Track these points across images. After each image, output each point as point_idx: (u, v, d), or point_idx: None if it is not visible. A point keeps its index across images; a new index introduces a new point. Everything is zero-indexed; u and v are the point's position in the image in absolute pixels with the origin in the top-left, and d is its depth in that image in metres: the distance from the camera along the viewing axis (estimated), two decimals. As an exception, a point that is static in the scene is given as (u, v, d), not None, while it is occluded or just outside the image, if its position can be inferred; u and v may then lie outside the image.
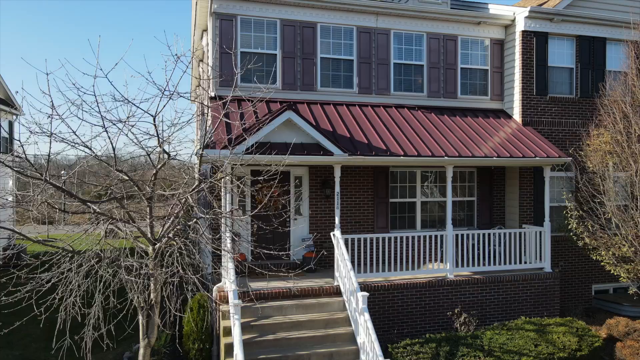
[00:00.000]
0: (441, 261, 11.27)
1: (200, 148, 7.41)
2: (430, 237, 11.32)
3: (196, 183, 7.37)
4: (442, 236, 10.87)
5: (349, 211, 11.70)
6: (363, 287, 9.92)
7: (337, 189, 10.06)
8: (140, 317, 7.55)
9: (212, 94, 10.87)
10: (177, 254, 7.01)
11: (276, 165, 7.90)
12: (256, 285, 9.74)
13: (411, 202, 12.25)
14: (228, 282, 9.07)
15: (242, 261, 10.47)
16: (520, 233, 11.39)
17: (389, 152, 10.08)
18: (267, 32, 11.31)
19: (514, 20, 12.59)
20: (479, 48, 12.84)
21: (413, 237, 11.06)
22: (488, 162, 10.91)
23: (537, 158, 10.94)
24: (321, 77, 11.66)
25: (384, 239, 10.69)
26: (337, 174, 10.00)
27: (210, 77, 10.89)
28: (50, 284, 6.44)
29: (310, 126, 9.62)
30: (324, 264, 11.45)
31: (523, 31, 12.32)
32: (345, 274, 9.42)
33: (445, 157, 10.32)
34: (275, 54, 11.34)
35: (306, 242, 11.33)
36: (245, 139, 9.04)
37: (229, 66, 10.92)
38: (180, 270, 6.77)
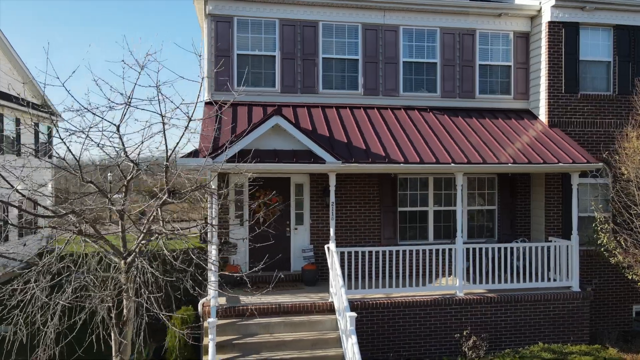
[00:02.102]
0: (453, 276, 10.31)
1: (166, 159, 6.99)
2: (437, 250, 10.35)
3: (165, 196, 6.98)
4: (450, 250, 9.92)
5: (353, 220, 10.96)
6: (361, 304, 9.23)
7: (332, 198, 9.39)
8: (112, 334, 7.27)
9: (207, 99, 10.50)
10: (136, 272, 6.64)
11: (254, 173, 7.39)
12: (248, 299, 9.26)
13: (422, 211, 11.34)
14: (212, 298, 8.63)
15: (233, 273, 10.06)
16: (542, 247, 10.23)
17: (388, 159, 9.28)
18: (265, 33, 10.80)
19: (540, 11, 11.37)
20: (501, 42, 11.70)
21: (418, 251, 10.18)
22: (503, 169, 9.86)
23: (560, 164, 9.74)
24: (323, 79, 11.00)
25: (384, 252, 9.89)
26: (332, 182, 9.33)
27: (204, 80, 10.52)
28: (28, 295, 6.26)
29: (299, 132, 9.01)
30: (327, 276, 10.78)
31: (550, 22, 11.08)
32: (336, 291, 8.75)
33: (452, 164, 9.38)
34: (274, 56, 10.80)
35: (306, 253, 10.74)
36: (230, 147, 8.58)
37: (225, 70, 10.52)
38: (132, 293, 6.39)
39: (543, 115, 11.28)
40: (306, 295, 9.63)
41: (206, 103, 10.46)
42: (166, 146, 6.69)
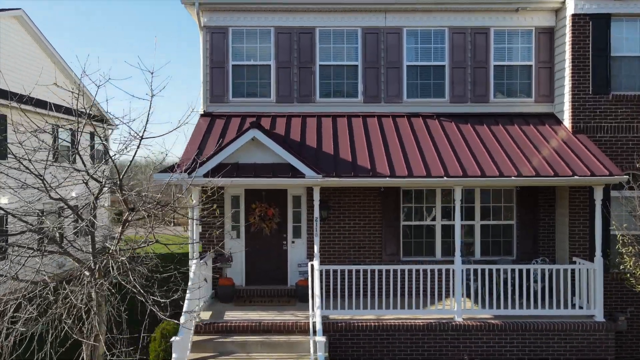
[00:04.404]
0: (451, 298, 9.45)
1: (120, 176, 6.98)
2: (432, 271, 9.42)
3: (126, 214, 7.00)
4: (447, 270, 9.09)
5: (352, 235, 10.42)
6: (346, 325, 8.74)
7: (316, 213, 8.98)
8: (84, 348, 7.42)
9: (202, 111, 10.50)
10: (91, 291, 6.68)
11: (216, 188, 7.20)
12: (232, 315, 9.11)
13: (429, 226, 10.53)
14: (183, 315, 8.51)
15: (225, 287, 9.97)
16: (559, 270, 9.08)
17: (373, 173, 8.68)
18: (260, 43, 10.58)
19: (564, 3, 10.12)
20: (520, 40, 10.57)
21: (411, 271, 9.39)
22: (506, 183, 8.87)
23: (576, 177, 8.57)
24: (320, 87, 10.58)
25: (372, 271, 9.27)
26: (316, 196, 8.91)
27: (201, 93, 10.55)
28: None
29: (277, 145, 8.68)
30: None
31: (574, 15, 9.82)
32: (313, 312, 8.33)
33: (445, 178, 8.57)
34: (269, 65, 10.56)
35: (301, 268, 10.38)
36: (206, 161, 8.48)
37: (220, 81, 10.47)
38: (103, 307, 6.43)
39: (567, 119, 10.03)
40: (293, 314, 9.27)
41: (201, 115, 10.47)
42: (114, 164, 6.71)
